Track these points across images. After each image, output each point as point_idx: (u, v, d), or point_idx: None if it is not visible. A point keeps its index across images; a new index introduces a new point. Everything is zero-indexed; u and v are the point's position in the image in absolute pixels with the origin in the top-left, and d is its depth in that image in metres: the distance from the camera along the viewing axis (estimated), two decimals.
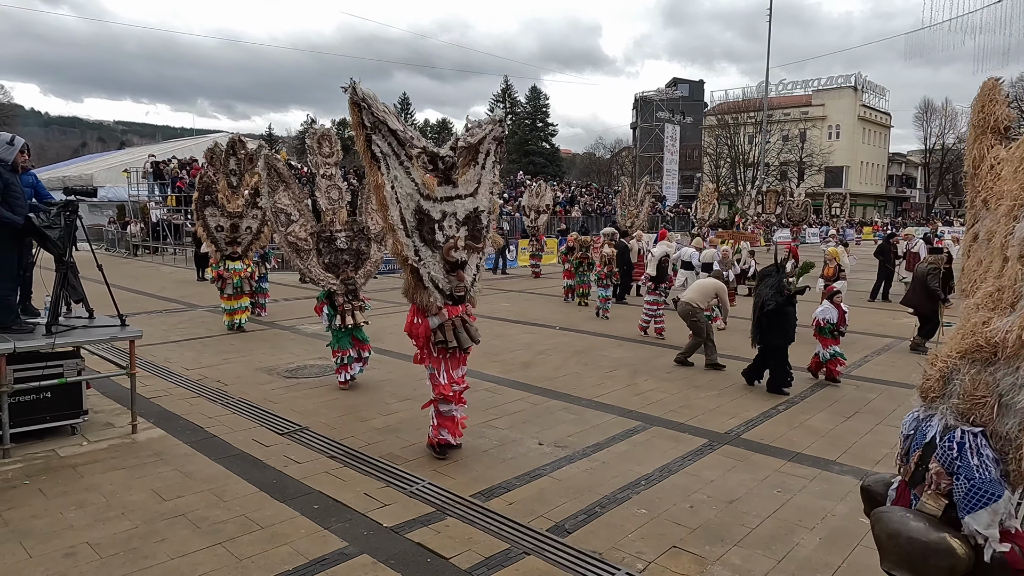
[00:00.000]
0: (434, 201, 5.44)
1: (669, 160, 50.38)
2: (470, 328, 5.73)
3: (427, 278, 5.49)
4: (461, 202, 5.59)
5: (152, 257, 26.01)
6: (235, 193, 11.46)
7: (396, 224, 5.33)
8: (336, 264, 7.89)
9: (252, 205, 11.41)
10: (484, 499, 4.96)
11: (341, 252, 7.91)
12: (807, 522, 4.68)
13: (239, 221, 11.46)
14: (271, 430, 6.37)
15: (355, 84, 5.01)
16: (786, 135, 61.39)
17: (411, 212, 5.37)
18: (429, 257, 5.48)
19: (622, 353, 10.01)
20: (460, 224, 5.60)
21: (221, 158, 11.56)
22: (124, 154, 43.90)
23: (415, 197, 5.36)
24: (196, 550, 4.16)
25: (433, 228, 5.45)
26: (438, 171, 5.43)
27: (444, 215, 5.50)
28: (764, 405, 7.43)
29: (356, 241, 8.04)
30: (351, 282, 7.89)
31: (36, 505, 4.73)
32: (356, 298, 7.99)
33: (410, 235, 5.40)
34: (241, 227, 11.49)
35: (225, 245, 11.42)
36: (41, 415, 5.89)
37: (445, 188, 5.49)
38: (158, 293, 16.04)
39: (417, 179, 5.33)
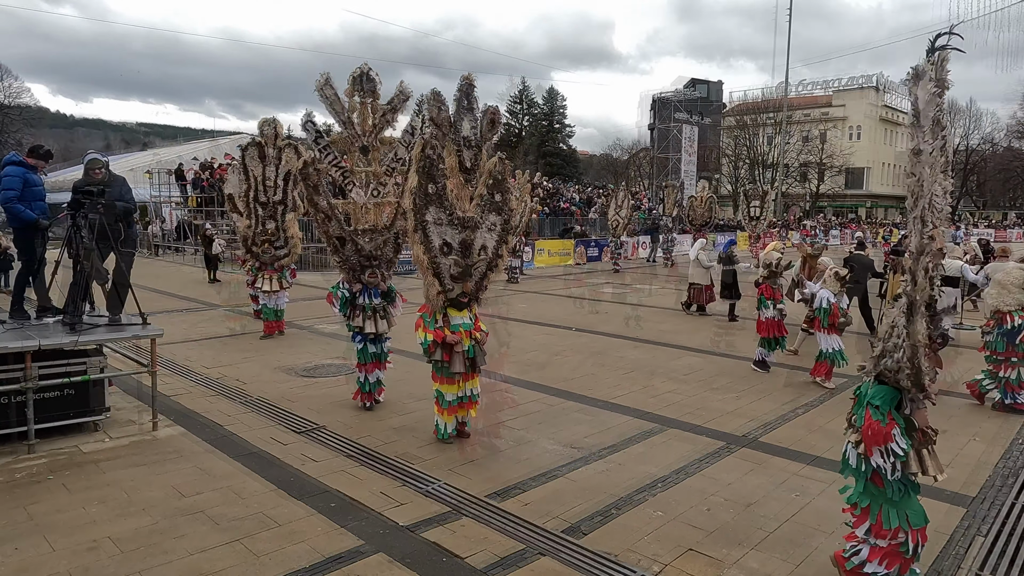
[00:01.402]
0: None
1: (687, 161, 50.06)
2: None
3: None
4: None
5: (174, 257, 26.36)
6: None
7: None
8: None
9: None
10: (499, 499, 4.97)
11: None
12: (826, 526, 4.62)
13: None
14: (288, 428, 6.43)
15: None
16: (806, 136, 60.74)
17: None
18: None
19: (639, 355, 9.97)
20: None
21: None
22: (147, 155, 44.57)
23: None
24: (214, 546, 4.21)
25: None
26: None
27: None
28: (782, 408, 7.35)
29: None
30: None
31: (60, 499, 4.82)
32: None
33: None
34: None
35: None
36: (65, 411, 6.00)
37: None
38: (179, 292, 16.24)
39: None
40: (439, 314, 5.91)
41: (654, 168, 52.99)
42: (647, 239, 28.46)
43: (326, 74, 6.88)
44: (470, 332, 5.97)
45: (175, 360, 9.02)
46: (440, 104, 5.77)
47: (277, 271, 10.89)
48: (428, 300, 5.92)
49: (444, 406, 6.01)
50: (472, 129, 5.90)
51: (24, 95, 51.66)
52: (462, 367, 5.87)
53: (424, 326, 5.88)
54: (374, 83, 6.99)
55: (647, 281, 20.52)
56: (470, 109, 5.88)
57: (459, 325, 5.93)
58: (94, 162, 6.61)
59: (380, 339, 7.14)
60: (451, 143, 5.84)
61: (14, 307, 6.70)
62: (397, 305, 7.31)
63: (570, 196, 34.05)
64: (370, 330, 6.98)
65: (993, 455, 6.02)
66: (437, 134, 5.79)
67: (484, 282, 6.16)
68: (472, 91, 5.88)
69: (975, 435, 6.55)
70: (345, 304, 7.05)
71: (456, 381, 5.93)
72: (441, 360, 5.84)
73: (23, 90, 51.53)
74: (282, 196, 10.80)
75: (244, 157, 10.68)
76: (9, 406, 5.69)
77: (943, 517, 4.80)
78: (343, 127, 7.06)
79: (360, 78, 6.93)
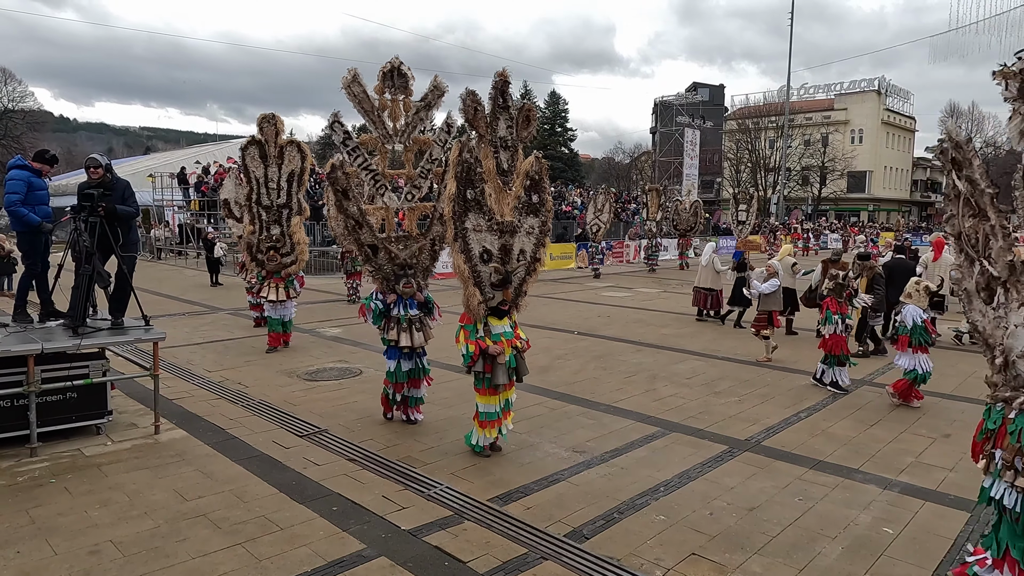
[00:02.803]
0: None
1: (689, 165, 50.05)
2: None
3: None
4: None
5: (176, 260, 26.40)
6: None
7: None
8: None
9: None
10: (502, 503, 4.96)
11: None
12: (829, 531, 4.61)
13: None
14: (291, 432, 6.42)
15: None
16: (808, 139, 60.75)
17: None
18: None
19: (641, 358, 9.95)
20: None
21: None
22: (149, 159, 44.71)
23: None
24: (216, 550, 4.21)
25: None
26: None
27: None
28: (785, 412, 7.33)
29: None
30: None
31: (62, 503, 4.82)
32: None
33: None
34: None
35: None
36: (67, 415, 6.00)
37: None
38: (181, 296, 16.26)
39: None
40: (480, 324, 5.69)
41: (656, 172, 53.00)
42: (666, 242, 28.43)
43: (353, 70, 6.46)
44: (511, 341, 5.75)
45: (177, 363, 9.03)
46: (476, 104, 5.50)
47: (283, 279, 10.12)
48: (469, 310, 5.69)
49: (483, 419, 5.78)
50: (508, 129, 5.65)
51: (28, 99, 51.85)
52: (505, 378, 5.68)
53: (465, 337, 5.66)
54: (406, 78, 6.58)
55: (633, 283, 20.52)
56: (505, 108, 5.62)
57: (500, 334, 5.70)
58: (91, 160, 6.53)
59: (416, 354, 6.64)
60: (488, 145, 5.58)
61: (17, 310, 6.71)
62: (435, 317, 6.77)
63: (571, 200, 34.06)
64: (405, 343, 6.46)
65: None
66: (473, 136, 5.59)
67: (523, 288, 5.96)
68: (507, 88, 5.62)
69: None
70: (379, 316, 6.55)
71: (498, 393, 5.74)
72: (483, 372, 5.64)
73: (27, 94, 51.72)
74: (286, 199, 10.05)
75: (244, 157, 9.88)
76: (11, 409, 5.70)
77: (946, 522, 4.78)
78: (373, 127, 6.68)
79: (391, 73, 6.55)
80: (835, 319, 8.20)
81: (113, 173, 6.72)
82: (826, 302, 8.36)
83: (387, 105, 6.59)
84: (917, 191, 72.55)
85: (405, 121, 6.69)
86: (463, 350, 5.65)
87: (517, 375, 5.79)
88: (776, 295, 10.01)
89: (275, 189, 9.98)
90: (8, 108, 49.59)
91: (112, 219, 6.37)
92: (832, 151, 58.87)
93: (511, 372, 5.73)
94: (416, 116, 6.74)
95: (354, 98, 6.50)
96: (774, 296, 9.96)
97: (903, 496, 5.20)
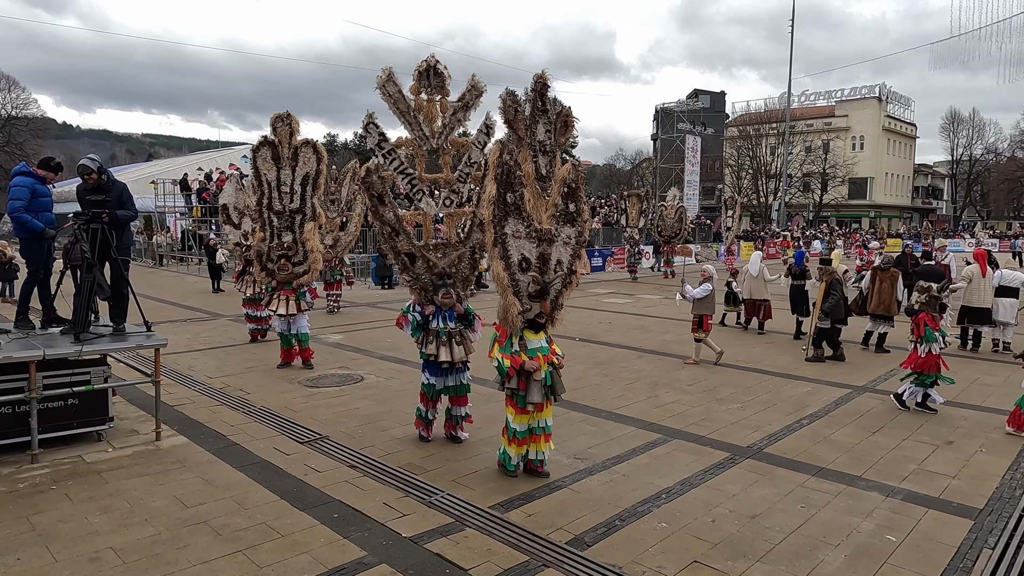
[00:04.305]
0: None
1: (690, 172, 50.13)
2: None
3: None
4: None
5: (178, 266, 26.44)
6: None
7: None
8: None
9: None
10: (503, 510, 4.94)
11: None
12: (832, 538, 4.59)
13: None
14: (292, 438, 6.42)
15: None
16: (809, 146, 60.83)
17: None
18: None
19: (643, 365, 9.94)
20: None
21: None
22: (151, 166, 44.86)
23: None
24: (217, 557, 4.19)
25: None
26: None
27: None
28: (787, 419, 7.32)
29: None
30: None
31: (62, 510, 4.81)
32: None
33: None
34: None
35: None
36: (69, 421, 6.00)
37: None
38: (182, 302, 16.28)
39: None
40: (515, 337, 5.40)
41: (657, 178, 53.06)
42: (649, 249, 28.38)
43: (388, 69, 6.17)
44: (547, 357, 5.44)
45: (179, 369, 9.03)
46: (517, 105, 5.26)
47: (294, 291, 9.38)
48: (505, 322, 5.37)
49: (511, 436, 5.49)
50: (547, 133, 5.45)
51: (31, 106, 52.07)
52: (540, 396, 5.36)
53: (501, 351, 5.36)
54: (443, 78, 6.26)
55: (634, 290, 20.51)
56: (544, 111, 5.40)
57: (536, 349, 5.41)
58: (82, 168, 6.35)
59: (456, 369, 6.31)
60: (527, 148, 5.36)
61: (19, 317, 6.73)
62: (476, 329, 6.42)
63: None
64: (445, 358, 6.11)
65: (1000, 466, 5.98)
66: (513, 138, 5.33)
67: (560, 301, 5.65)
68: (547, 91, 5.40)
69: (982, 446, 6.51)
70: (418, 328, 6.20)
71: (530, 411, 5.43)
72: (517, 388, 5.34)
73: (30, 101, 51.93)
74: (300, 203, 9.30)
75: (256, 159, 9.18)
76: (13, 416, 5.69)
77: (950, 530, 4.76)
78: (409, 129, 6.32)
79: (427, 72, 6.21)
80: (936, 335, 7.61)
81: (109, 175, 6.61)
82: (921, 317, 7.69)
83: (423, 106, 6.28)
84: (918, 197, 72.60)
85: (442, 122, 6.37)
86: (497, 364, 5.36)
87: (553, 393, 5.49)
88: (709, 299, 10.06)
89: (288, 193, 9.28)
90: (12, 115, 49.78)
91: (112, 224, 6.37)
92: (833, 158, 58.99)
93: (547, 391, 5.43)
94: (454, 117, 6.42)
95: (389, 98, 6.18)
96: (707, 300, 10.01)
97: (906, 503, 5.18)
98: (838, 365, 10.05)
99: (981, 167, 67.96)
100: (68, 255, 6.19)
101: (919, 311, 7.80)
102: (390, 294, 18.76)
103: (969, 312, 11.27)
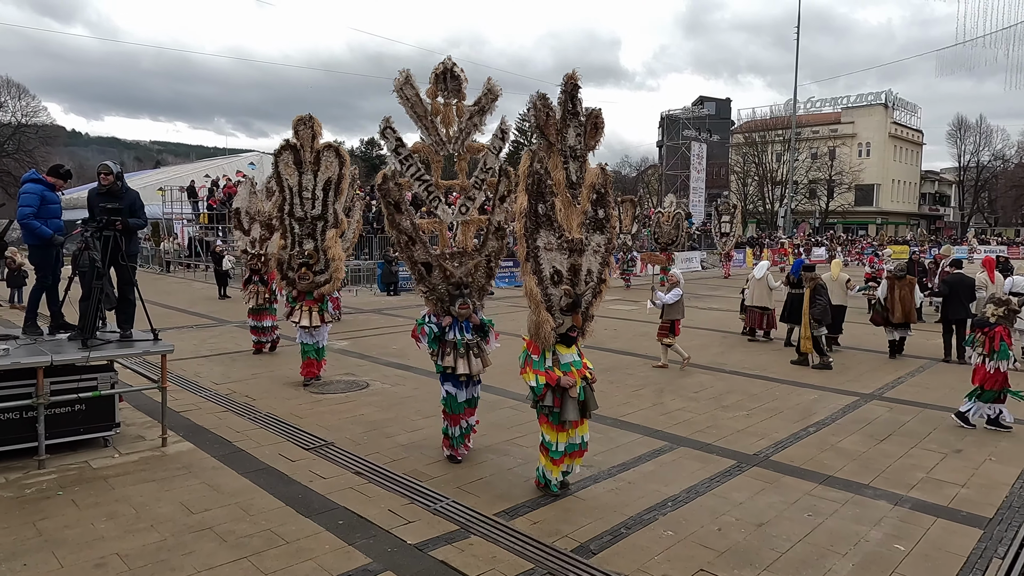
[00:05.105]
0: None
1: (696, 178, 50.16)
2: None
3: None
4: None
5: (185, 273, 26.56)
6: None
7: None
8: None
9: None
10: (508, 518, 4.93)
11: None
12: (839, 547, 4.56)
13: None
14: (297, 445, 6.42)
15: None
16: (815, 153, 60.75)
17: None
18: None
19: (648, 372, 9.91)
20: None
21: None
22: (159, 173, 45.14)
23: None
24: (222, 563, 4.20)
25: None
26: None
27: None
28: (794, 426, 7.28)
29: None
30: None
31: (69, 515, 4.82)
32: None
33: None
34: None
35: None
36: (76, 427, 6.02)
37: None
38: (189, 308, 16.35)
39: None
40: (548, 353, 5.19)
41: (663, 185, 53.09)
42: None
43: (406, 71, 6.03)
44: (580, 371, 5.25)
45: (185, 376, 9.06)
46: (549, 109, 5.06)
47: (317, 301, 8.96)
48: (537, 338, 5.16)
49: (552, 456, 5.27)
50: (577, 137, 5.23)
51: (41, 113, 52.48)
52: (575, 413, 5.15)
53: (533, 368, 5.15)
54: (459, 81, 6.11)
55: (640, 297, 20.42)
56: (575, 114, 5.18)
57: (569, 363, 5.22)
58: (103, 167, 6.49)
59: (473, 382, 6.12)
60: (558, 154, 5.15)
61: (28, 323, 6.77)
62: (490, 341, 6.20)
63: None
64: (463, 370, 5.89)
65: (1010, 475, 5.93)
66: (543, 144, 5.14)
67: (590, 312, 5.44)
68: (577, 92, 5.17)
69: (991, 455, 6.46)
70: (434, 340, 5.98)
71: (567, 429, 5.23)
72: (551, 405, 5.13)
73: (39, 109, 52.34)
74: (322, 209, 8.84)
75: (277, 163, 8.78)
76: (20, 421, 5.72)
77: (959, 539, 4.72)
78: (425, 133, 6.16)
79: (443, 75, 6.06)
80: (1010, 353, 7.17)
81: (124, 182, 6.69)
82: (998, 331, 7.20)
83: (439, 110, 6.14)
84: (925, 204, 72.35)
85: (458, 127, 6.22)
86: (532, 382, 5.14)
87: (585, 409, 5.25)
88: (679, 304, 10.15)
89: (310, 199, 8.81)
90: (22, 123, 50.19)
91: (123, 232, 6.41)
92: (839, 164, 58.90)
93: (580, 407, 5.20)
94: (470, 122, 6.26)
95: (406, 101, 6.02)
96: (677, 305, 10.11)
97: (914, 512, 5.14)
98: (845, 372, 10.00)
99: (988, 174, 67.66)
100: (76, 261, 6.23)
101: (995, 324, 7.28)
102: (395, 300, 18.79)
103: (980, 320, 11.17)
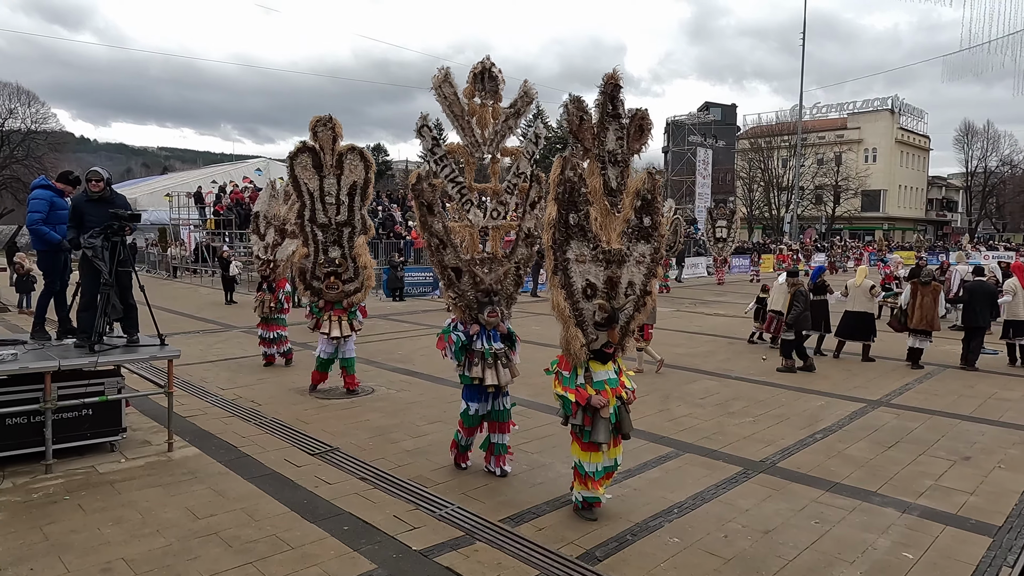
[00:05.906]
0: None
1: (701, 184, 50.10)
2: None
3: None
4: None
5: (191, 278, 26.67)
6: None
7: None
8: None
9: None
10: (513, 524, 4.91)
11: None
12: (847, 555, 4.52)
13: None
14: (303, 450, 6.43)
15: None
16: (821, 158, 60.63)
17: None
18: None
19: (653, 378, 9.88)
20: None
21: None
22: (167, 179, 45.41)
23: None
24: (227, 568, 4.20)
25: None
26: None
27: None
28: (800, 433, 7.24)
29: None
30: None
31: (75, 520, 4.84)
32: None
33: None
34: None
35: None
36: (82, 432, 6.04)
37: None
38: (196, 314, 16.41)
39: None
40: (581, 369, 4.92)
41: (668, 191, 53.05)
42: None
43: (444, 69, 5.81)
44: (616, 390, 4.94)
45: (191, 381, 9.09)
46: (583, 112, 4.75)
47: (345, 310, 8.55)
48: (569, 354, 4.91)
49: (585, 477, 5.02)
50: (618, 141, 4.86)
51: (50, 120, 52.85)
52: (606, 436, 4.86)
53: (563, 384, 4.90)
54: (496, 82, 5.88)
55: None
56: (616, 116, 4.83)
57: (603, 382, 4.91)
58: (93, 173, 6.45)
59: (501, 393, 5.88)
60: (595, 160, 4.82)
61: (35, 328, 6.81)
62: (517, 351, 6.00)
63: None
64: (491, 381, 5.66)
65: (1020, 483, 5.87)
66: (577, 150, 4.82)
67: (631, 327, 5.08)
68: (618, 93, 4.83)
69: (1000, 462, 6.40)
70: (461, 350, 5.70)
71: (600, 449, 4.95)
72: (582, 425, 4.85)
73: (48, 115, 52.72)
74: (348, 215, 8.45)
75: (293, 167, 8.24)
76: (28, 426, 5.75)
77: (968, 547, 4.68)
78: (461, 134, 5.94)
79: (481, 75, 5.85)
80: None
81: (112, 189, 6.65)
82: None
83: (476, 110, 5.92)
84: (932, 210, 72.05)
85: (493, 129, 6.00)
86: (562, 400, 4.93)
87: (619, 431, 4.96)
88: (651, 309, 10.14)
89: (333, 204, 8.38)
90: (31, 129, 50.59)
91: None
92: (845, 170, 58.71)
93: (612, 428, 4.93)
94: (505, 124, 6.05)
95: (444, 100, 5.83)
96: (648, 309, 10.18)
97: (922, 520, 5.10)
98: (852, 378, 9.95)
99: (996, 179, 67.36)
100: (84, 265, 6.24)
101: None
102: (400, 306, 18.80)
103: (1013, 325, 11.15)
